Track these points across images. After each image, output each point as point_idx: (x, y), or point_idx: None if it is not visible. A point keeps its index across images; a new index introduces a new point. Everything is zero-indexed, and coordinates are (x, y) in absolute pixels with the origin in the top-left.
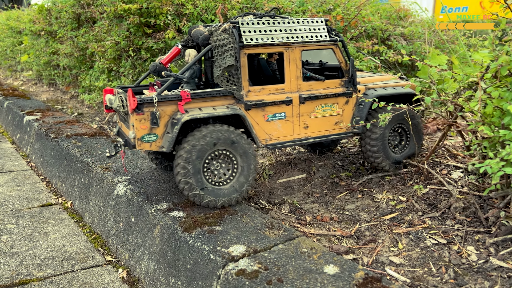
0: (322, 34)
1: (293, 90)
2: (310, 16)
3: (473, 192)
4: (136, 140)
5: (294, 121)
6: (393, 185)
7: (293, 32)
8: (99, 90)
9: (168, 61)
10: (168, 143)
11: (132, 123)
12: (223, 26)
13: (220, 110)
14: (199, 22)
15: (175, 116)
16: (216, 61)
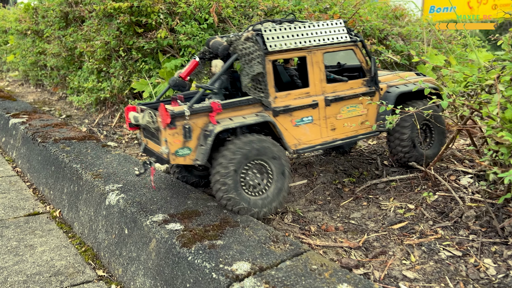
0: (343, 35)
1: (318, 93)
2: (306, 15)
3: (487, 200)
4: (170, 155)
5: (322, 124)
6: (400, 191)
7: (315, 36)
8: (88, 91)
9: (187, 74)
10: (203, 156)
11: (165, 138)
12: (245, 35)
13: (250, 118)
14: (194, 23)
15: (206, 127)
16: (243, 69)
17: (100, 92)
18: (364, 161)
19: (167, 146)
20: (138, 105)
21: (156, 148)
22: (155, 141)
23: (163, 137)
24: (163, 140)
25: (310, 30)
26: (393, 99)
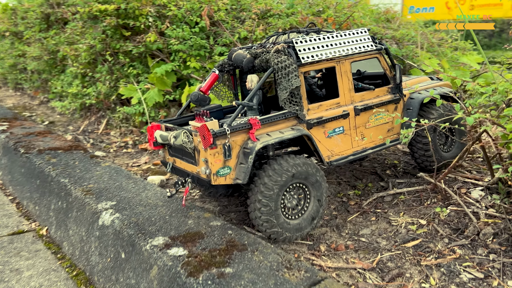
0: (369, 44)
1: (347, 102)
2: (300, 18)
3: (503, 216)
4: (212, 175)
5: (352, 133)
6: (409, 205)
7: (343, 45)
8: (72, 96)
9: (207, 88)
10: (244, 175)
11: (204, 158)
12: (275, 47)
13: (288, 133)
14: (185, 27)
15: (246, 145)
16: (280, 83)
17: (85, 98)
18: (366, 171)
19: (208, 167)
20: (163, 123)
21: (190, 168)
22: (189, 160)
23: (202, 157)
24: (202, 160)
25: (338, 40)
26: (418, 105)
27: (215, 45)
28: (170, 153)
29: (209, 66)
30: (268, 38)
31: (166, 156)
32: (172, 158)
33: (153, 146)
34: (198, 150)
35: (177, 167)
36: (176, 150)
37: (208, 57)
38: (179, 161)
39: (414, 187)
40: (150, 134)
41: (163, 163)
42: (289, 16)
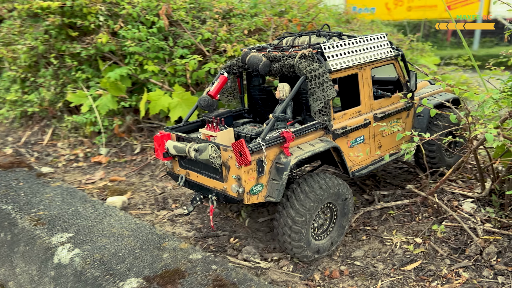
0: (388, 50)
1: (367, 110)
2: (266, 19)
3: (502, 231)
4: (245, 194)
5: (371, 142)
6: (400, 221)
7: (366, 52)
8: (10, 103)
9: (216, 91)
10: (278, 192)
11: (236, 176)
12: (301, 52)
13: (318, 145)
14: (141, 27)
15: (278, 160)
16: (314, 93)
17: (26, 105)
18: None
19: (241, 185)
20: (173, 132)
21: (213, 184)
22: (211, 176)
23: (234, 174)
24: (233, 177)
25: (362, 46)
26: (428, 112)
27: (175, 47)
28: (182, 165)
29: (168, 69)
30: (281, 39)
31: (175, 168)
32: (184, 171)
33: (163, 158)
34: (227, 166)
35: (193, 181)
36: (192, 162)
37: (167, 59)
38: (196, 175)
39: (401, 200)
40: (159, 144)
41: (171, 175)
42: (253, 16)
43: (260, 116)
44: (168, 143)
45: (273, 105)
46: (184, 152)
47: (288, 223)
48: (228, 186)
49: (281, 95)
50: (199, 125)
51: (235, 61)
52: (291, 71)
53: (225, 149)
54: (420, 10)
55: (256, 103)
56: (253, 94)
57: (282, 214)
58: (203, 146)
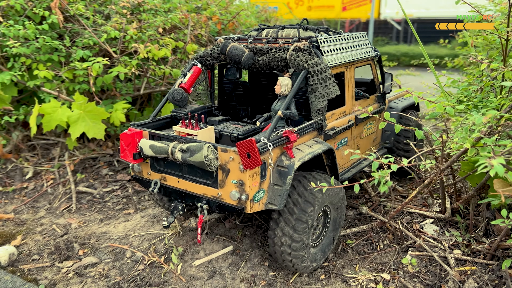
0: (369, 49)
1: (350, 111)
2: (182, 15)
3: (476, 260)
4: (248, 202)
5: (351, 144)
6: (360, 252)
7: (353, 50)
8: None
9: (190, 84)
10: (280, 199)
11: (238, 181)
12: (295, 45)
13: (316, 146)
14: (28, 23)
15: (280, 163)
16: (316, 90)
17: None
18: None
19: (244, 191)
20: (144, 129)
21: (201, 190)
22: (199, 181)
23: (234, 179)
24: (233, 182)
25: (349, 43)
26: (397, 116)
27: (73, 48)
28: (156, 168)
29: (65, 75)
30: (259, 31)
31: (144, 172)
32: (159, 175)
33: (133, 159)
34: (226, 170)
35: (172, 187)
36: (170, 165)
37: (64, 63)
38: (175, 180)
39: (357, 225)
40: (128, 143)
41: (138, 181)
42: (167, 12)
43: (232, 113)
44: (142, 142)
45: (249, 102)
46: (165, 153)
47: (288, 232)
48: (225, 192)
49: (282, 90)
50: (168, 122)
51: (210, 51)
52: (281, 65)
53: (224, 150)
54: (319, 10)
55: (229, 99)
56: (226, 89)
57: (279, 222)
58: (197, 146)
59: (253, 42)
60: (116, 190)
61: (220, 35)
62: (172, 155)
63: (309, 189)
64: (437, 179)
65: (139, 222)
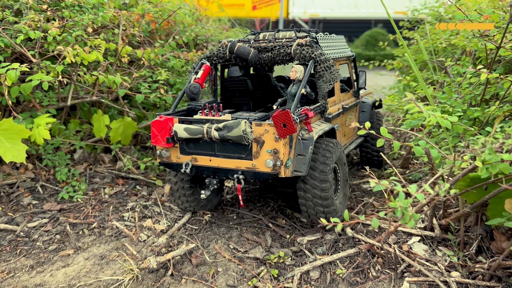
0: (348, 49)
1: (338, 101)
2: (114, 13)
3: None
4: (282, 168)
5: (340, 130)
6: (353, 283)
7: (339, 48)
8: None
9: (203, 80)
10: (305, 166)
11: (272, 150)
12: (298, 41)
13: (324, 125)
14: None
15: (302, 136)
16: (323, 76)
17: None
18: (256, 225)
19: (278, 158)
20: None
21: (234, 164)
22: (230, 156)
23: (269, 148)
24: (267, 152)
25: (336, 42)
26: (370, 107)
27: None
28: (186, 151)
29: None
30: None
31: (173, 156)
32: (189, 157)
33: (166, 143)
34: (260, 142)
35: (204, 165)
36: (201, 146)
37: None
38: (207, 159)
39: (341, 249)
40: (161, 129)
41: (167, 165)
42: (93, 8)
43: (234, 108)
44: (176, 126)
45: (251, 97)
46: (200, 133)
47: (317, 194)
48: (260, 162)
49: (297, 75)
50: (184, 114)
51: (216, 51)
52: (286, 59)
53: (259, 124)
54: (230, 8)
55: (232, 95)
56: (229, 86)
57: (307, 189)
58: (234, 123)
59: (256, 43)
60: (46, 224)
61: (153, 34)
62: (207, 135)
63: (319, 154)
64: (439, 199)
65: (83, 267)
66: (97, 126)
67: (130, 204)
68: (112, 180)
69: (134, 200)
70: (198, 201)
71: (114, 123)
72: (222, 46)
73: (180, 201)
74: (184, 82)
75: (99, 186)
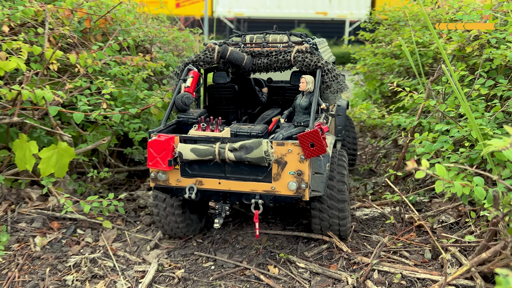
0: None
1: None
2: (36, 7)
3: None
4: (307, 190)
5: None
6: None
7: (328, 53)
8: None
9: (193, 89)
10: (323, 185)
11: (296, 171)
12: (297, 48)
13: (330, 137)
14: None
15: None
16: (331, 86)
17: None
18: (245, 281)
19: (302, 180)
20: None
21: (251, 187)
22: (244, 178)
23: (292, 170)
24: (291, 174)
25: (325, 47)
26: (345, 111)
27: None
28: (189, 174)
29: None
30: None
31: (171, 179)
32: (193, 180)
33: (168, 166)
34: (283, 163)
35: (212, 189)
36: (207, 167)
37: None
38: (216, 182)
39: None
40: (161, 150)
41: (164, 190)
42: (7, 1)
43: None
44: (180, 146)
45: (240, 104)
46: (211, 154)
47: (335, 214)
48: (281, 184)
49: (308, 86)
50: (175, 128)
51: (202, 55)
52: (285, 67)
53: (281, 144)
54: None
55: (218, 102)
56: (215, 94)
57: (324, 209)
58: (254, 143)
59: (246, 47)
60: None
61: (87, 35)
62: (219, 156)
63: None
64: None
65: None
66: (20, 156)
67: (73, 259)
68: (43, 223)
69: (76, 252)
70: (189, 226)
71: (45, 151)
72: (208, 49)
73: (170, 227)
74: (131, 93)
75: (27, 234)
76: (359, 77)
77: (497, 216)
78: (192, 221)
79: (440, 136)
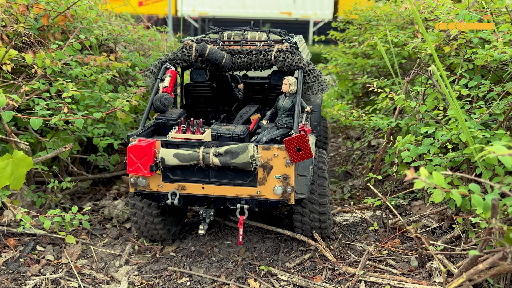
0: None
1: None
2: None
3: None
4: (293, 194)
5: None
6: None
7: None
8: None
9: (171, 88)
10: (307, 187)
11: (282, 175)
12: (278, 47)
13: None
14: None
15: None
16: (312, 87)
17: None
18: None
19: (288, 184)
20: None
21: (236, 192)
22: (229, 183)
23: (278, 174)
24: (277, 178)
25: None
26: (320, 106)
27: None
28: (171, 179)
29: None
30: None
31: (152, 185)
32: (175, 185)
33: (149, 172)
34: (268, 167)
35: (195, 194)
36: (190, 172)
37: None
38: (199, 187)
39: None
40: (142, 155)
41: (145, 196)
42: None
43: (197, 116)
44: (163, 151)
45: (218, 103)
46: (195, 159)
47: (316, 209)
48: (266, 189)
49: (291, 88)
50: (153, 130)
51: (180, 53)
52: (265, 66)
53: (267, 148)
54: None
55: (196, 101)
56: (193, 93)
57: (305, 213)
58: (239, 148)
59: (224, 45)
60: None
61: (44, 33)
62: (203, 161)
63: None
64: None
65: None
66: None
67: (32, 280)
68: None
69: (36, 272)
70: (169, 231)
71: None
72: (185, 47)
73: (149, 233)
74: (94, 96)
75: None
76: (331, 77)
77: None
78: (172, 225)
79: (424, 139)
